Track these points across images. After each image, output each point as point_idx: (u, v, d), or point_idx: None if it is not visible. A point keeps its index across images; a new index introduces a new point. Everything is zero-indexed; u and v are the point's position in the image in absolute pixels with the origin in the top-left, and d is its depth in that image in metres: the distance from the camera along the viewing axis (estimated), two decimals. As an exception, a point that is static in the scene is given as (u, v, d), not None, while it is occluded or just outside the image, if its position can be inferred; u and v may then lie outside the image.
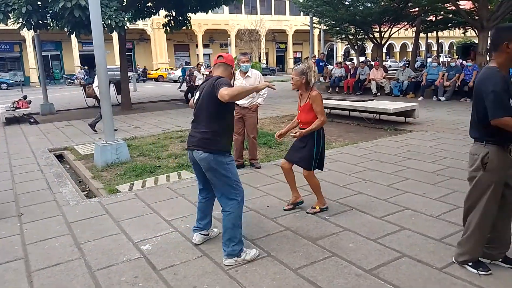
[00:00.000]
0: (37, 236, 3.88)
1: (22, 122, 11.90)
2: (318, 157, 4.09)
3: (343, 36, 22.64)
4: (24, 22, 11.80)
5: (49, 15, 11.86)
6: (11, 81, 31.99)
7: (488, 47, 14.64)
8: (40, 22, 12.10)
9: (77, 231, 3.94)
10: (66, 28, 11.79)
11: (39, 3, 11.39)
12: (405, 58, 42.13)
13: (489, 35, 15.77)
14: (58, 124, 11.34)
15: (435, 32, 25.78)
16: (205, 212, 3.58)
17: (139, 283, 2.99)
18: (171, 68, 36.53)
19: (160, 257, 3.37)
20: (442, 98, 13.14)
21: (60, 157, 7.70)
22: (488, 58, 15.69)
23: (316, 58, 19.12)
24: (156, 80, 35.98)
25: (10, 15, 11.77)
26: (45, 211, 4.54)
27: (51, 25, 12.65)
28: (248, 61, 5.76)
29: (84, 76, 25.90)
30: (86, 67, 30.45)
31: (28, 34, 29.82)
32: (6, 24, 12.24)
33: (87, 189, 5.88)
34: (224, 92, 2.96)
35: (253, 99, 5.89)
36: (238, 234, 3.25)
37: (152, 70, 37.31)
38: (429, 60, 24.62)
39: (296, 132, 4.04)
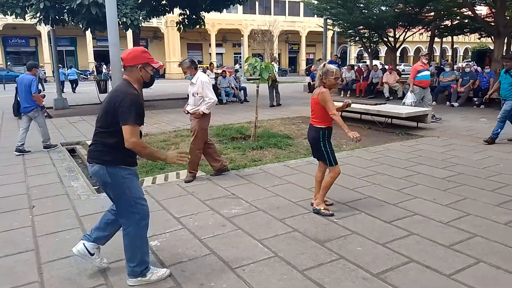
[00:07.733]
0: (48, 229, 3.94)
1: (36, 116, 12.04)
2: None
3: (356, 39, 22.52)
4: (41, 17, 11.99)
5: (65, 10, 12.02)
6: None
7: (503, 54, 14.44)
8: (57, 17, 12.28)
9: (87, 225, 3.99)
10: (81, 24, 11.96)
11: (56, -1, 11.57)
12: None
13: (505, 41, 15.66)
14: (71, 119, 11.47)
15: (450, 37, 25.49)
16: (105, 224, 3.13)
17: (147, 279, 3.01)
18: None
19: (168, 253, 3.40)
20: (456, 104, 13.01)
21: (72, 152, 7.79)
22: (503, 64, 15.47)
23: (329, 60, 19.05)
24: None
25: (28, 10, 11.99)
26: (56, 204, 4.61)
27: (67, 20, 12.82)
28: (186, 71, 5.30)
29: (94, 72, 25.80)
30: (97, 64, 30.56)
31: (44, 29, 30.19)
32: (24, 19, 12.43)
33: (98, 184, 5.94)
34: (129, 138, 2.66)
35: (197, 107, 5.35)
36: (139, 255, 2.92)
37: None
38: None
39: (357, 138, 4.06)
